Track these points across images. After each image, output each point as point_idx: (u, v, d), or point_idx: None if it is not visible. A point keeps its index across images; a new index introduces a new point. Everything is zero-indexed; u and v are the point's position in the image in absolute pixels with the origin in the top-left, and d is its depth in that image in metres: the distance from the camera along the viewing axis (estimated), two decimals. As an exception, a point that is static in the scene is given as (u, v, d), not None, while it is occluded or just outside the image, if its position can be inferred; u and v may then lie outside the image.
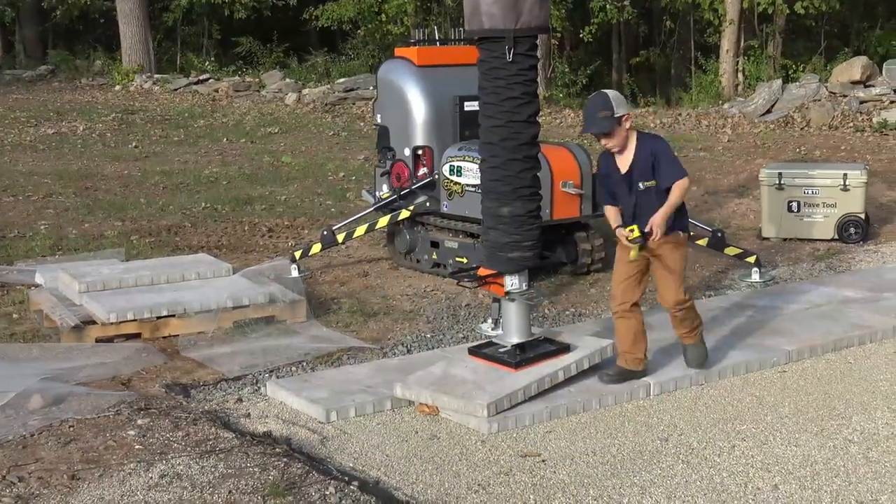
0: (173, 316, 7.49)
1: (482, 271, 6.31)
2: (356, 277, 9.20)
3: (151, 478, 5.13)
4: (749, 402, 6.14)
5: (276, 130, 19.11)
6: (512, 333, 6.30)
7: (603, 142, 6.06)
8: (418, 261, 9.30)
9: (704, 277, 9.04)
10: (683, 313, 6.31)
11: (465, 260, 8.69)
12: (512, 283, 6.24)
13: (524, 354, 6.20)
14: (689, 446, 5.52)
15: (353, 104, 22.33)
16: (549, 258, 8.82)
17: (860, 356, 6.93)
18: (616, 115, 5.92)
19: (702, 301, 8.16)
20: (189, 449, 5.48)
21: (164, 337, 7.41)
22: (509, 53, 5.98)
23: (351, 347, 7.24)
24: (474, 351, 6.37)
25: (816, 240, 10.13)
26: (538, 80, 6.30)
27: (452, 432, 5.76)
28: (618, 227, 6.14)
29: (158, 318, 7.45)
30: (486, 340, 6.70)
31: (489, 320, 7.49)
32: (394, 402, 6.11)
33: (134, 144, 17.44)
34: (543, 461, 5.36)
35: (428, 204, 9.05)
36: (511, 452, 5.48)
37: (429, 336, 7.51)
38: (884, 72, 18.42)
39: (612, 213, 6.23)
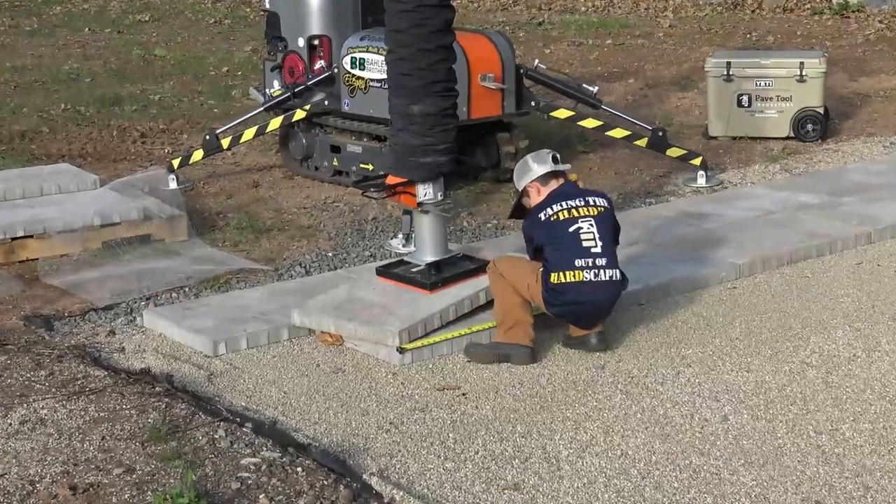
0: (31, 236, 7.38)
1: (391, 179, 6.28)
2: (245, 189, 9.14)
3: (10, 424, 5.08)
4: (695, 323, 6.23)
5: (147, 18, 18.76)
6: (426, 250, 6.31)
7: None
8: (317, 168, 9.27)
9: (644, 182, 9.12)
10: None
11: (370, 167, 8.66)
12: (425, 192, 6.22)
13: (440, 274, 6.22)
14: (629, 374, 5.60)
15: (238, -14, 22.01)
16: (467, 163, 8.85)
17: (818, 269, 7.06)
18: (518, 190, 6.11)
19: (641, 209, 8.25)
20: (54, 390, 5.43)
21: (20, 261, 7.32)
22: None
23: (241, 269, 7.21)
24: (383, 271, 6.38)
25: (770, 138, 10.23)
26: (452, -45, 6.26)
27: (359, 364, 5.78)
28: None
29: (14, 239, 7.34)
30: (396, 259, 6.71)
31: (399, 236, 7.50)
32: (291, 332, 6.11)
33: (-22, 36, 17.04)
34: (464, 395, 5.41)
35: (326, 102, 8.97)
36: (427, 386, 5.52)
37: (330, 255, 7.51)
38: (845, -55, 18.55)
39: None
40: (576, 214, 5.77)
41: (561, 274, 5.66)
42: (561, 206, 5.80)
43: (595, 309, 5.76)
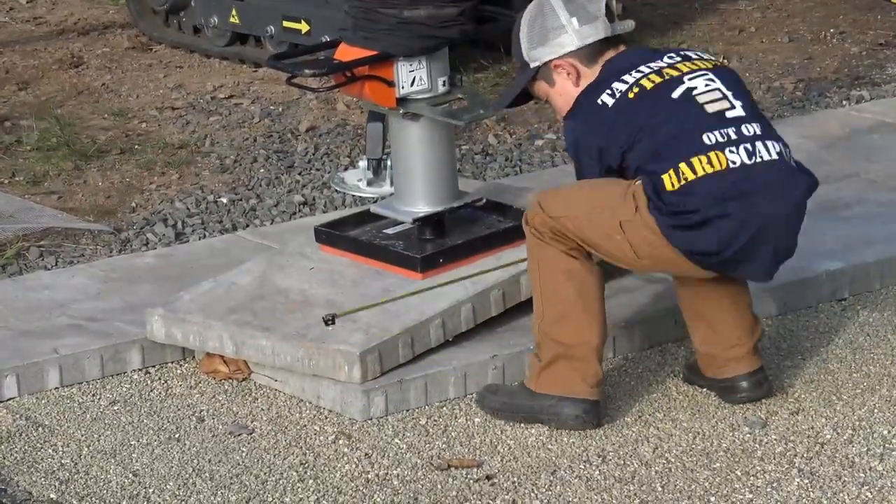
0: None
1: (343, 52, 6.26)
2: (54, 70, 9.24)
3: None
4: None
5: None
6: (415, 193, 6.34)
7: None
8: (197, 29, 9.40)
9: (847, 58, 9.18)
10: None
11: (303, 26, 8.66)
12: (412, 76, 6.21)
13: (442, 240, 6.29)
14: (813, 437, 5.60)
15: None
16: (500, 21, 8.80)
17: None
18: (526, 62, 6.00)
19: (839, 111, 8.25)
20: None
21: None
22: None
23: (47, 230, 7.24)
24: (329, 234, 6.42)
25: None
26: None
27: (281, 419, 5.82)
28: None
29: None
30: (355, 210, 6.79)
31: (361, 163, 7.46)
32: (147, 353, 6.17)
33: None
34: (488, 479, 5.42)
35: None
36: (418, 462, 5.53)
37: (223, 201, 7.59)
38: None
39: None
40: (673, 73, 5.69)
41: (684, 168, 5.55)
42: (638, 72, 5.73)
43: (767, 226, 5.64)
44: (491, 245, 6.29)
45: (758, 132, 5.51)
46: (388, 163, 6.57)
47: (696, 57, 5.73)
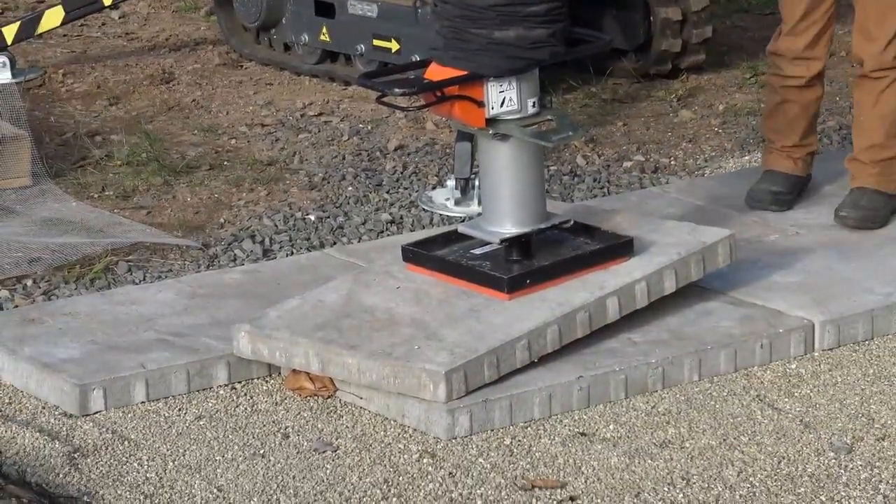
0: None
1: (433, 72, 6.29)
2: (144, 86, 9.24)
3: None
4: None
5: None
6: (502, 214, 6.35)
7: None
8: (287, 47, 9.39)
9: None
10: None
11: (393, 45, 8.69)
12: (503, 98, 6.23)
13: (529, 262, 6.28)
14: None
15: None
16: (590, 44, 8.79)
17: None
18: None
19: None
20: None
21: None
22: None
23: (135, 245, 7.28)
24: (416, 254, 6.43)
25: None
26: None
27: (367, 437, 5.82)
28: None
29: None
30: (442, 229, 6.75)
31: (449, 183, 7.50)
32: (232, 370, 6.19)
33: None
34: (572, 501, 5.42)
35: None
36: (502, 481, 5.53)
37: (312, 218, 7.59)
38: None
39: None
40: None
41: None
42: None
43: None
44: (578, 267, 6.30)
45: None
46: (476, 183, 6.61)
47: None
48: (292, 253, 7.21)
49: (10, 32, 9.09)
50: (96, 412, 5.95)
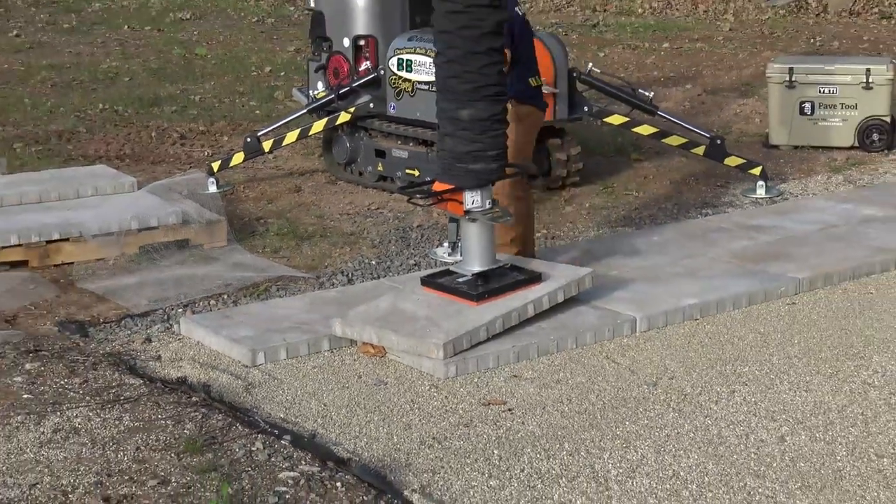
0: (67, 240, 7.44)
1: (437, 186, 6.30)
2: (286, 193, 9.18)
3: (43, 432, 5.13)
4: (752, 340, 6.21)
5: (189, 16, 18.86)
6: (473, 260, 6.32)
7: None
8: (361, 173, 9.29)
9: (701, 192, 9.09)
10: None
11: (416, 172, 8.68)
12: (473, 199, 6.23)
13: (487, 285, 6.22)
14: (681, 392, 5.58)
15: (282, -16, 22.12)
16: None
17: (883, 285, 7.01)
18: None
19: (697, 221, 8.24)
20: (88, 398, 5.48)
21: (55, 265, 7.37)
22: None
23: (280, 277, 7.24)
24: (428, 281, 6.40)
25: (833, 147, 10.17)
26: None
27: (402, 377, 5.80)
28: None
29: (49, 242, 7.40)
30: (441, 268, 6.72)
31: (445, 244, 7.51)
32: (332, 342, 6.13)
33: (15, 33, 17.17)
34: (510, 410, 5.42)
35: (372, 105, 9.00)
36: (472, 400, 5.53)
37: (373, 263, 7.52)
38: (916, -54, 18.43)
39: None
40: None
41: None
42: None
43: None
44: (512, 288, 6.24)
45: None
46: (459, 244, 6.61)
47: None
48: (363, 282, 7.16)
49: (215, 166, 9.10)
50: (259, 364, 5.94)
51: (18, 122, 11.41)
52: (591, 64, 9.18)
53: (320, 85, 9.35)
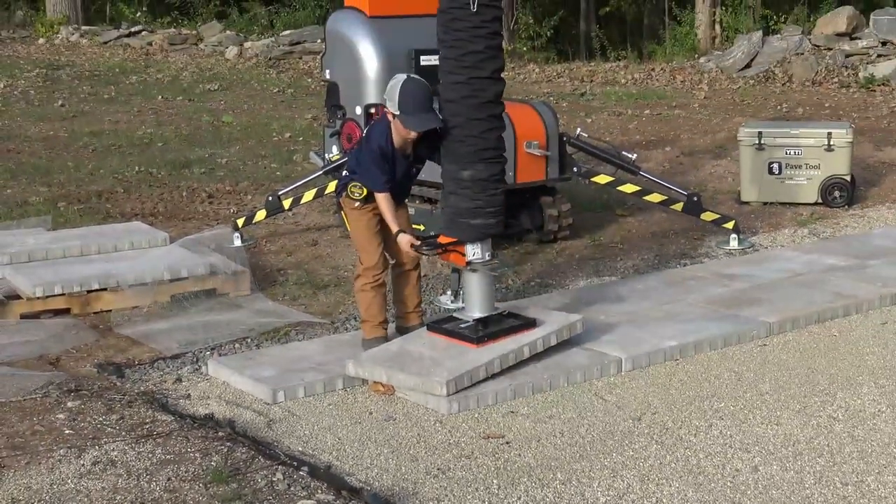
0: (105, 289, 7.46)
1: (442, 239, 6.31)
2: (304, 246, 9.17)
3: (83, 465, 5.12)
4: (727, 378, 6.19)
5: (216, 87, 18.97)
6: (473, 307, 6.31)
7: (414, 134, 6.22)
8: None
9: (680, 244, 9.09)
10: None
11: (422, 227, 8.67)
12: (474, 252, 6.24)
13: (487, 329, 6.21)
14: (664, 426, 5.57)
15: (300, 58, 22.20)
16: (513, 225, 8.86)
17: (845, 328, 7.00)
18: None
19: (677, 270, 8.23)
20: (124, 433, 5.46)
21: (95, 312, 7.38)
22: (474, 3, 5.96)
23: (299, 322, 7.23)
24: (433, 326, 6.37)
25: (799, 203, 10.19)
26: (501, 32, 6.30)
27: (409, 413, 5.78)
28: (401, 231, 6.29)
29: (89, 291, 7.42)
30: (445, 315, 6.71)
31: (449, 293, 7.50)
32: (346, 381, 6.12)
33: (60, 103, 17.25)
34: (507, 443, 5.39)
35: (382, 167, 9.00)
36: (473, 434, 5.51)
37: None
38: (871, 23, 18.48)
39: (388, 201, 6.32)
40: None
41: None
42: None
43: None
44: (509, 332, 6.24)
45: None
46: (461, 292, 6.60)
47: None
48: (374, 326, 7.14)
49: (240, 222, 9.11)
50: (279, 402, 5.93)
51: (63, 183, 11.43)
52: (579, 129, 9.19)
53: (335, 149, 9.36)
